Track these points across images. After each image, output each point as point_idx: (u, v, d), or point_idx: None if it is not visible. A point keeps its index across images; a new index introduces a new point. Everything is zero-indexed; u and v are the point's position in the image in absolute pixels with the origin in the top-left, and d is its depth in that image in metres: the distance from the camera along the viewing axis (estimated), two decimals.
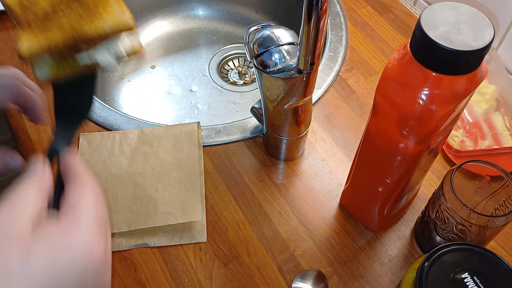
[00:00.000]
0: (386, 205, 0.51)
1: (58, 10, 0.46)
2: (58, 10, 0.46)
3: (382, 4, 0.82)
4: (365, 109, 0.68)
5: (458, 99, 0.37)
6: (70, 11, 0.46)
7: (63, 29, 0.45)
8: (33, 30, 0.45)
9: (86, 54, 0.46)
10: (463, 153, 0.61)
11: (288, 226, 0.56)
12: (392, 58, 0.39)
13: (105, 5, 0.46)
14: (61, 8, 0.46)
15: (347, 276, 0.53)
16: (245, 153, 0.63)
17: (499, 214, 0.48)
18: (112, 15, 0.46)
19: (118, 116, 0.66)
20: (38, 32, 0.45)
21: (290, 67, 0.49)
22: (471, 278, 0.39)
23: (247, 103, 0.83)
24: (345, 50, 0.75)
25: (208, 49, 0.92)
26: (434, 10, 0.37)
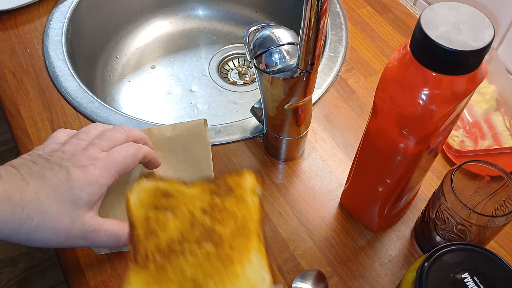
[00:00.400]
0: (386, 205, 0.51)
1: (185, 246, 0.39)
2: (185, 245, 0.39)
3: (382, 4, 0.82)
4: (365, 109, 0.68)
5: (458, 99, 0.37)
6: (197, 254, 0.39)
7: (184, 285, 0.38)
8: (148, 275, 0.38)
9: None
10: (463, 153, 0.61)
11: (288, 226, 0.56)
12: (392, 58, 0.39)
13: (243, 258, 0.39)
14: (189, 244, 0.39)
15: (347, 276, 0.53)
16: (245, 153, 0.63)
17: (499, 214, 0.48)
18: (248, 282, 0.38)
19: (118, 116, 0.66)
20: (153, 282, 0.38)
21: (290, 67, 0.49)
22: (471, 278, 0.39)
23: (247, 103, 0.83)
24: (345, 50, 0.75)
25: (208, 49, 0.92)
26: (434, 10, 0.37)
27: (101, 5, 0.84)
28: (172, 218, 0.41)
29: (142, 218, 0.42)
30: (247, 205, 0.43)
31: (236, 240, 0.40)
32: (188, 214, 0.42)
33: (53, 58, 0.72)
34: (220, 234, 0.40)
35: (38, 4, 0.80)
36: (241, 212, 0.42)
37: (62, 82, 0.70)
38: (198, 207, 0.42)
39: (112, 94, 0.83)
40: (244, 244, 0.40)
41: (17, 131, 0.65)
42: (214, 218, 0.41)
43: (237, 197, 0.43)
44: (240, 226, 0.41)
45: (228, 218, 0.42)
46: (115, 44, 0.89)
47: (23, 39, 0.75)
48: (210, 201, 0.43)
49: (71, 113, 0.66)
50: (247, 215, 0.42)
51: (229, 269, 0.38)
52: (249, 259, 0.39)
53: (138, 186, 0.45)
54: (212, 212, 0.42)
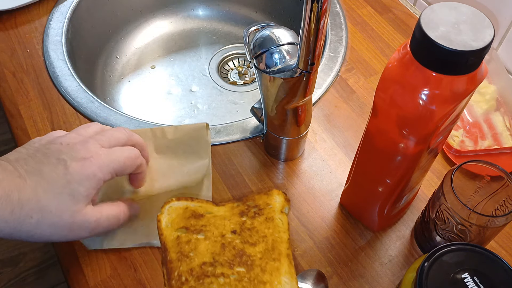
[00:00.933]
0: (386, 205, 0.51)
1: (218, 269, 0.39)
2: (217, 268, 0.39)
3: (382, 4, 0.82)
4: (365, 109, 0.68)
5: (458, 99, 0.37)
6: (229, 276, 0.39)
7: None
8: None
9: None
10: (463, 153, 0.61)
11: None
12: (392, 58, 0.39)
13: (274, 281, 0.39)
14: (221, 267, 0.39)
15: (347, 276, 0.53)
16: (245, 153, 0.63)
17: (499, 214, 0.48)
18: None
19: (118, 116, 0.66)
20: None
21: (290, 67, 0.49)
22: (471, 278, 0.39)
23: (247, 103, 0.83)
24: (345, 50, 0.75)
25: (208, 49, 0.92)
26: (434, 10, 0.37)
27: (101, 5, 0.84)
28: (203, 239, 0.42)
29: (174, 240, 0.42)
30: (276, 224, 0.43)
31: (267, 262, 0.40)
32: (219, 235, 0.42)
33: (53, 58, 0.72)
34: (250, 255, 0.40)
35: (38, 4, 0.80)
36: (270, 232, 0.42)
37: (62, 82, 0.70)
38: (228, 228, 0.43)
39: (112, 94, 0.83)
40: (275, 266, 0.40)
41: (17, 131, 0.65)
42: (244, 239, 0.42)
43: (266, 217, 0.43)
44: (270, 247, 0.41)
45: (258, 238, 0.42)
46: (115, 44, 0.89)
47: (23, 39, 0.75)
48: (240, 221, 0.43)
49: (71, 113, 0.66)
50: (277, 235, 0.42)
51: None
52: (280, 281, 0.40)
53: (168, 206, 0.45)
54: (242, 233, 0.42)
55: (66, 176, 0.42)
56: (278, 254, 0.41)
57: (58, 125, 0.65)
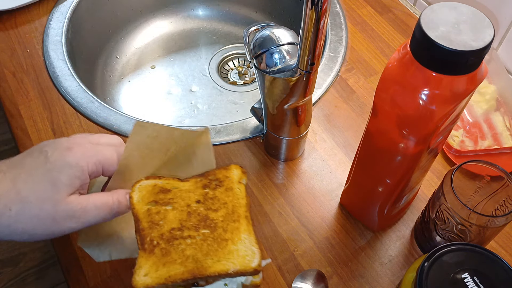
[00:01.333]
0: (386, 205, 0.51)
1: (185, 232, 0.44)
2: (184, 231, 0.44)
3: (382, 4, 0.82)
4: (365, 109, 0.68)
5: (458, 99, 0.37)
6: (196, 237, 0.44)
7: (186, 264, 0.43)
8: (155, 258, 0.43)
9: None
10: (463, 153, 0.61)
11: (288, 226, 0.56)
12: (392, 58, 0.39)
13: (235, 238, 0.45)
14: (188, 230, 0.45)
15: (347, 276, 0.53)
16: (245, 153, 0.63)
17: (499, 214, 0.48)
18: (241, 256, 0.43)
19: (118, 116, 0.66)
20: (160, 264, 0.43)
21: (290, 67, 0.49)
22: (471, 278, 0.39)
23: (247, 103, 0.83)
24: (345, 50, 0.75)
25: (208, 49, 0.92)
26: (434, 10, 0.37)
27: (101, 5, 0.84)
28: (171, 210, 0.47)
29: (145, 212, 0.46)
30: (234, 193, 0.48)
31: (228, 224, 0.46)
32: (185, 205, 0.47)
33: (53, 58, 0.72)
34: (213, 219, 0.46)
35: (38, 4, 0.80)
36: (230, 199, 0.48)
37: (62, 82, 0.70)
38: (193, 199, 0.48)
39: (112, 94, 0.83)
40: (235, 226, 0.46)
41: (17, 131, 0.65)
42: (207, 207, 0.47)
43: (226, 188, 0.49)
44: (230, 211, 0.47)
45: (220, 205, 0.47)
46: (115, 44, 0.89)
47: (23, 39, 0.75)
48: (203, 192, 0.48)
49: (71, 113, 0.66)
50: (235, 201, 0.48)
51: (223, 248, 0.44)
52: (240, 238, 0.45)
53: (138, 185, 0.48)
54: (205, 202, 0.47)
55: (46, 164, 0.40)
56: (238, 216, 0.46)
57: (58, 125, 0.65)
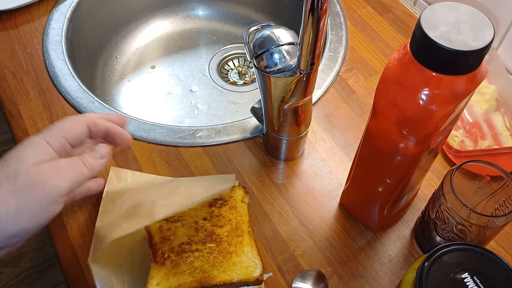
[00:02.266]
0: (386, 205, 0.51)
1: (193, 246, 0.48)
2: (192, 245, 0.49)
3: (382, 4, 0.82)
4: (365, 109, 0.68)
5: (458, 99, 0.37)
6: (203, 251, 0.48)
7: (194, 274, 0.46)
8: (166, 270, 0.47)
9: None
10: (463, 153, 0.61)
11: (288, 226, 0.56)
12: (392, 58, 0.39)
13: (238, 251, 0.49)
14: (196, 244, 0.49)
15: (347, 276, 0.53)
16: (245, 153, 0.63)
17: (499, 214, 0.48)
18: (244, 267, 0.47)
19: None
20: (170, 275, 0.46)
21: (290, 67, 0.49)
22: (471, 278, 0.39)
23: (247, 103, 0.83)
24: (345, 50, 0.75)
25: (208, 49, 0.92)
26: (434, 10, 0.37)
27: (101, 5, 0.84)
28: (180, 226, 0.51)
29: (157, 228, 0.51)
30: (238, 211, 0.53)
31: (232, 238, 0.50)
32: (193, 222, 0.51)
33: (53, 58, 0.72)
34: (219, 234, 0.50)
35: (38, 4, 0.80)
36: (234, 217, 0.52)
37: (62, 82, 0.70)
38: (201, 216, 0.52)
39: (112, 94, 0.84)
40: (238, 241, 0.50)
41: (17, 131, 0.65)
42: (213, 223, 0.51)
43: (230, 206, 0.53)
44: (234, 227, 0.51)
45: (225, 222, 0.52)
46: (115, 44, 0.89)
47: (23, 39, 0.75)
48: (209, 211, 0.53)
49: (71, 113, 0.66)
50: (239, 218, 0.52)
51: (228, 259, 0.48)
52: (243, 251, 0.49)
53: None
54: (212, 219, 0.52)
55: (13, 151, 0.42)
56: (241, 231, 0.51)
57: None
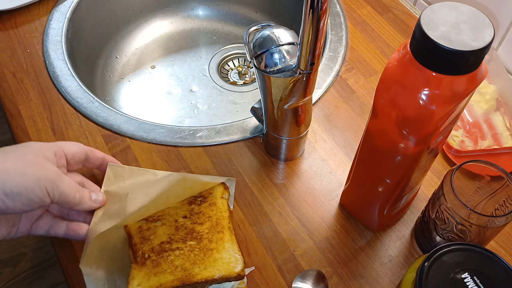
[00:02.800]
0: (386, 205, 0.51)
1: (173, 245, 0.48)
2: (173, 244, 0.48)
3: (382, 4, 0.82)
4: (365, 109, 0.68)
5: (458, 99, 0.37)
6: (183, 249, 0.48)
7: (175, 273, 0.46)
8: (146, 269, 0.46)
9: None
10: (463, 153, 0.61)
11: (288, 226, 0.56)
12: (392, 58, 0.39)
13: (219, 247, 0.48)
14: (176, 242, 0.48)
15: (347, 276, 0.53)
16: (245, 153, 0.63)
17: (499, 214, 0.48)
18: (226, 263, 0.47)
19: (118, 116, 0.66)
20: (151, 274, 0.46)
21: (290, 67, 0.49)
22: (471, 278, 0.39)
23: (247, 103, 0.83)
24: (345, 50, 0.75)
25: (208, 49, 0.92)
26: (434, 10, 0.37)
27: (101, 5, 0.84)
28: (160, 225, 0.50)
29: (137, 228, 0.50)
30: (218, 207, 0.52)
31: (213, 235, 0.49)
32: (173, 221, 0.51)
33: (53, 58, 0.72)
34: (199, 232, 0.49)
35: (38, 4, 0.80)
36: (214, 213, 0.52)
37: (62, 82, 0.70)
38: (180, 214, 0.51)
39: (112, 94, 0.84)
40: (219, 237, 0.49)
41: (17, 131, 0.65)
42: (193, 221, 0.51)
43: (210, 203, 0.53)
44: (215, 223, 0.51)
45: (205, 219, 0.51)
46: (115, 44, 0.89)
47: (23, 39, 0.75)
48: (189, 208, 0.52)
49: (71, 113, 0.66)
50: (219, 215, 0.51)
51: (209, 256, 0.47)
52: (224, 247, 0.48)
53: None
54: (191, 217, 0.51)
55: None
56: (221, 227, 0.50)
57: (58, 125, 0.65)
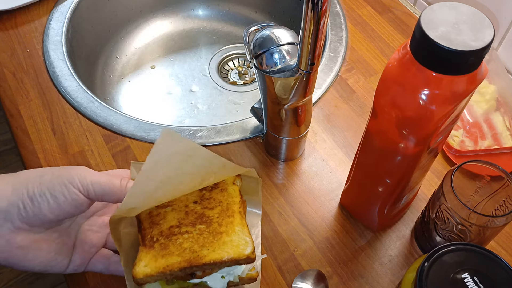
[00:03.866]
0: (386, 205, 0.51)
1: (182, 228, 0.47)
2: (182, 228, 0.47)
3: (382, 4, 0.82)
4: (365, 109, 0.68)
5: (458, 99, 0.37)
6: (193, 232, 0.47)
7: (183, 255, 0.45)
8: (154, 252, 0.46)
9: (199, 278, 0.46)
10: (463, 153, 0.61)
11: (288, 226, 0.56)
12: (392, 58, 0.39)
13: (229, 230, 0.47)
14: (185, 226, 0.47)
15: (347, 276, 0.53)
16: (245, 153, 0.63)
17: (499, 214, 0.48)
18: (235, 246, 0.46)
19: (118, 116, 0.66)
20: (159, 256, 0.45)
21: (290, 67, 0.49)
22: (471, 278, 0.39)
23: (247, 103, 0.83)
24: (345, 50, 0.75)
25: (208, 49, 0.92)
26: (434, 10, 0.37)
27: (101, 5, 0.84)
28: (170, 210, 0.49)
29: (147, 214, 0.49)
30: (229, 193, 0.51)
31: (223, 219, 0.48)
32: (183, 206, 0.50)
33: (53, 58, 0.72)
34: (209, 216, 0.48)
35: (38, 4, 0.80)
36: (225, 198, 0.51)
37: (62, 82, 0.70)
38: (191, 200, 0.50)
39: (112, 94, 0.84)
40: (229, 221, 0.48)
41: (17, 131, 0.65)
42: (204, 206, 0.50)
43: (221, 189, 0.51)
44: (225, 208, 0.49)
45: (215, 204, 0.50)
46: (115, 44, 0.89)
47: (23, 39, 0.75)
48: (200, 194, 0.51)
49: (71, 113, 0.66)
50: (230, 200, 0.51)
51: (218, 239, 0.46)
52: (234, 230, 0.47)
53: None
54: (202, 202, 0.50)
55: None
56: (232, 212, 0.49)
57: (58, 125, 0.65)
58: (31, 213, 0.41)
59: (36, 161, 0.61)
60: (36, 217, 0.42)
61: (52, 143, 0.63)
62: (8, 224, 0.41)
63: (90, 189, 0.43)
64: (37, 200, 0.41)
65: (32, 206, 0.41)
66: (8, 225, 0.41)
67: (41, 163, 0.61)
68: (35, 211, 0.41)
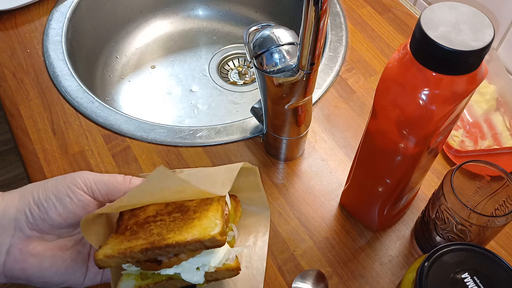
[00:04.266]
0: (386, 205, 0.51)
1: (158, 218, 0.45)
2: (158, 217, 0.45)
3: (382, 4, 0.82)
4: (365, 109, 0.68)
5: (458, 99, 0.37)
6: (166, 219, 0.45)
7: (149, 238, 0.43)
8: (123, 237, 0.44)
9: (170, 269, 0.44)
10: (463, 153, 0.61)
11: (288, 226, 0.56)
12: (392, 58, 0.39)
13: (202, 216, 0.45)
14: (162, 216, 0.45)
15: (347, 276, 0.53)
16: (245, 153, 0.63)
17: (499, 214, 0.48)
18: (203, 228, 0.43)
19: (118, 116, 0.66)
20: (125, 241, 0.44)
21: (290, 67, 0.49)
22: (471, 278, 0.39)
23: (247, 103, 0.83)
24: (345, 50, 0.75)
25: (208, 49, 0.92)
26: (434, 10, 0.37)
27: (101, 5, 0.84)
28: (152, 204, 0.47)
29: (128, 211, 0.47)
30: None
31: (200, 207, 0.46)
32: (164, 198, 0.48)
33: (53, 58, 0.72)
34: (187, 206, 0.46)
35: (38, 4, 0.80)
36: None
37: (62, 82, 0.70)
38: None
39: (112, 94, 0.84)
40: (205, 208, 0.46)
41: (17, 131, 0.65)
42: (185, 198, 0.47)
43: None
44: (205, 198, 0.47)
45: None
46: (115, 44, 0.89)
47: (23, 39, 0.75)
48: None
49: (71, 113, 0.66)
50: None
51: (188, 224, 0.44)
52: (206, 216, 0.44)
53: None
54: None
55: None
56: (210, 200, 0.46)
57: (58, 125, 0.65)
58: (39, 219, 0.42)
59: (36, 161, 0.62)
60: (45, 222, 0.42)
61: (52, 143, 0.63)
62: (18, 233, 0.42)
63: (94, 188, 0.44)
64: (43, 205, 0.42)
65: (39, 212, 0.42)
66: (19, 234, 0.42)
67: (41, 163, 0.61)
68: (42, 216, 0.42)
